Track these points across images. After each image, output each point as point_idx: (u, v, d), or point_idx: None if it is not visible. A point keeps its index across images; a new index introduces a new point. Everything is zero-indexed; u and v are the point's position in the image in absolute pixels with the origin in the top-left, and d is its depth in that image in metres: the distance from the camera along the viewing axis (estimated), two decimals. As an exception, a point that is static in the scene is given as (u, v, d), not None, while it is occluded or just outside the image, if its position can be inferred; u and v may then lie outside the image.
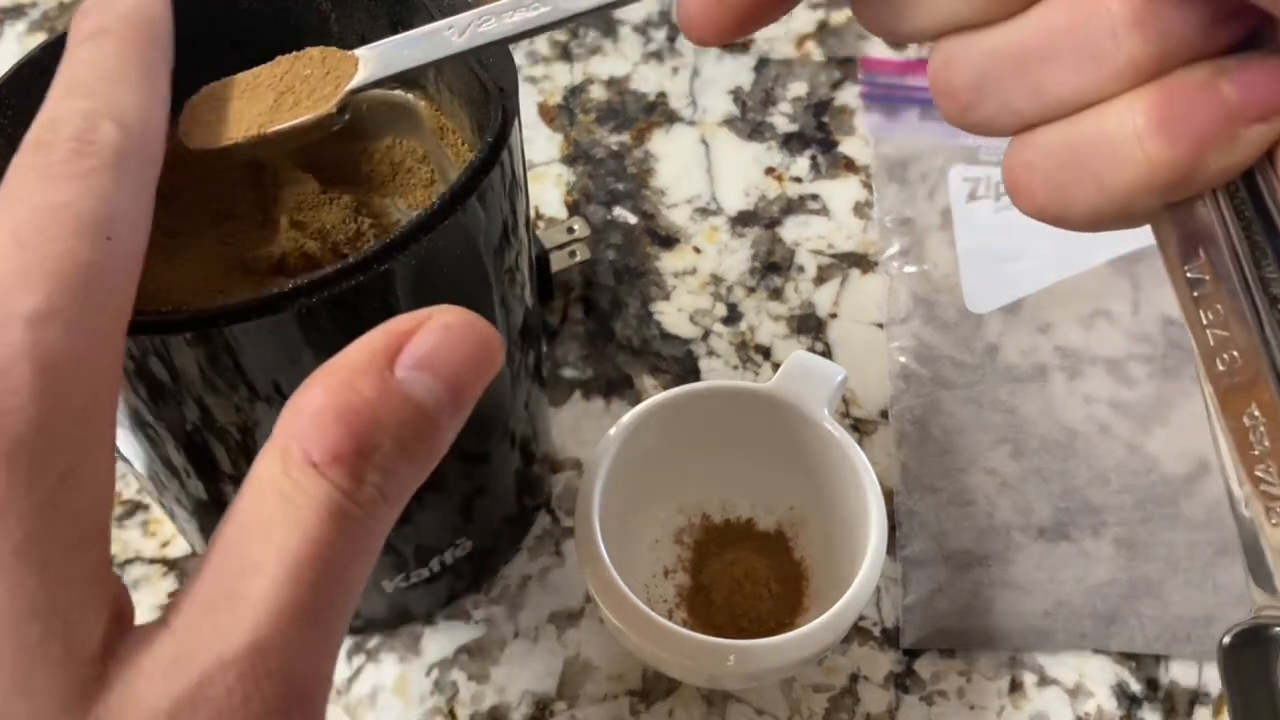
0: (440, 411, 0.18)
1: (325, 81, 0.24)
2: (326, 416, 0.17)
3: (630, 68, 0.55)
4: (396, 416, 0.17)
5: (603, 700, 0.36)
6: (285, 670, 0.16)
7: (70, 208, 0.16)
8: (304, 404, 0.17)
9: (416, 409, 0.18)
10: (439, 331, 0.18)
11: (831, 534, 0.36)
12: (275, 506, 0.17)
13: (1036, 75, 0.17)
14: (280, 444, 0.17)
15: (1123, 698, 0.36)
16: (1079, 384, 0.42)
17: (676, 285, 0.47)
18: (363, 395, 0.17)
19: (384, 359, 0.18)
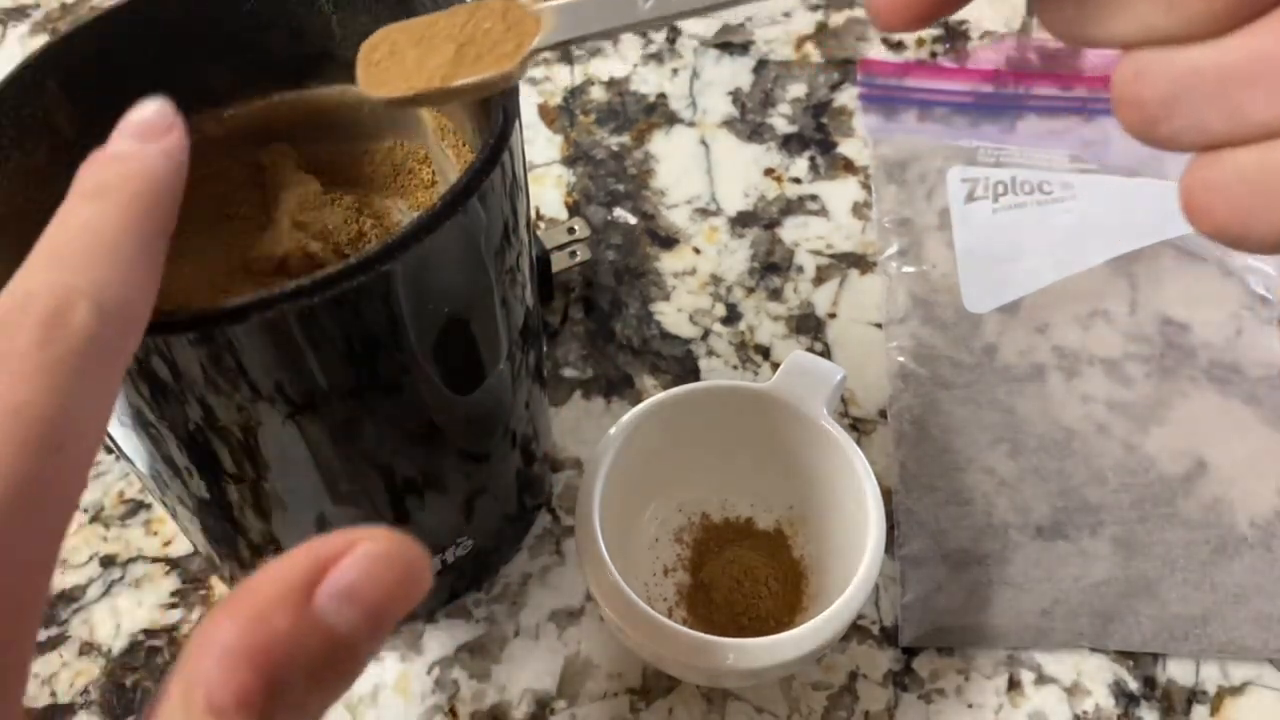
0: (358, 641, 0.17)
1: (507, 37, 0.23)
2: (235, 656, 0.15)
3: (630, 69, 0.55)
4: (311, 650, 0.16)
5: (603, 698, 0.36)
6: None
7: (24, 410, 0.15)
8: (211, 636, 0.16)
9: (333, 641, 0.16)
10: (363, 562, 0.17)
11: (830, 533, 0.37)
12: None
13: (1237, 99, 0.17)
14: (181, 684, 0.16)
15: (1120, 696, 0.37)
16: (1077, 384, 0.43)
17: (676, 285, 0.47)
18: (276, 629, 0.16)
19: (302, 589, 0.16)
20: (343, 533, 0.17)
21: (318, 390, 0.24)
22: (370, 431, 0.27)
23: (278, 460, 0.26)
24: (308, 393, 0.24)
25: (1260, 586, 0.38)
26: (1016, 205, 0.47)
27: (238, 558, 0.32)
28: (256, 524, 0.29)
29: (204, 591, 0.39)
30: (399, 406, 0.27)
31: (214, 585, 0.39)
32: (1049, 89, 0.52)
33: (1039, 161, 0.49)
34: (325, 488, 0.28)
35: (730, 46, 0.56)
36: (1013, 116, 0.51)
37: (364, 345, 0.24)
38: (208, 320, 0.21)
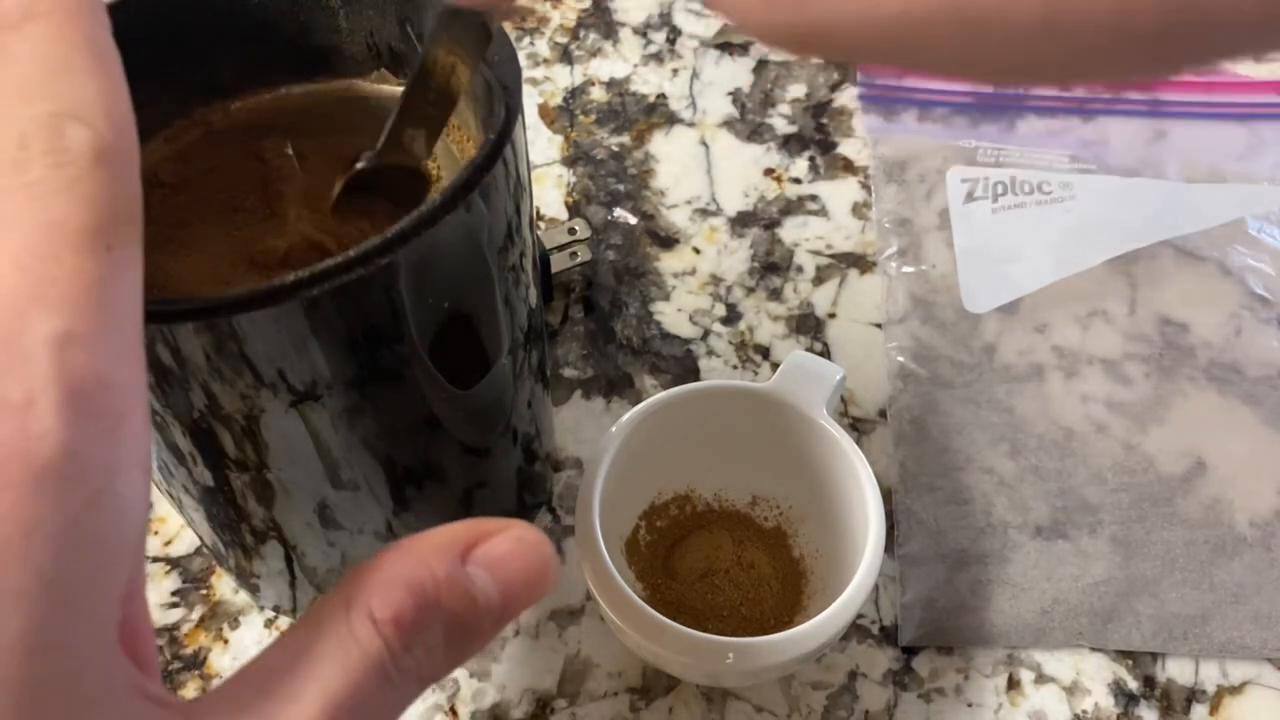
0: (488, 614, 0.19)
1: None
2: (397, 582, 0.18)
3: (630, 69, 0.55)
4: (454, 605, 0.19)
5: (603, 697, 0.36)
6: None
7: (64, 224, 0.16)
8: (378, 567, 0.19)
9: (471, 604, 0.19)
10: (512, 542, 0.20)
11: (830, 532, 0.37)
12: (328, 646, 0.18)
13: None
14: (345, 594, 0.18)
15: (1120, 695, 0.37)
16: (1076, 383, 0.43)
17: (676, 285, 0.47)
18: (433, 575, 0.19)
19: (460, 550, 0.19)
20: (501, 519, 0.20)
21: (321, 380, 0.24)
22: (372, 422, 0.27)
23: (281, 448, 0.26)
24: (311, 382, 0.24)
25: (1259, 586, 0.38)
26: (1016, 205, 0.47)
27: (242, 545, 0.32)
28: (259, 510, 0.29)
29: (205, 591, 0.39)
30: (401, 398, 0.27)
31: (215, 585, 0.39)
32: (1048, 89, 0.52)
33: (1038, 161, 0.49)
34: (327, 476, 0.28)
35: (730, 46, 0.56)
36: (1012, 116, 0.51)
37: (367, 337, 0.24)
38: (212, 309, 0.21)
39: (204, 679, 0.37)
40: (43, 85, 0.17)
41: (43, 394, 0.15)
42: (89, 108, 0.17)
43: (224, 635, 0.38)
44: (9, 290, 0.15)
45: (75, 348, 0.15)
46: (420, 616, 0.18)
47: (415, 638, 0.18)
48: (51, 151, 0.16)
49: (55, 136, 0.16)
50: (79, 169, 0.16)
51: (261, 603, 0.38)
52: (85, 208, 0.16)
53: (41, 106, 0.17)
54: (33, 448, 0.15)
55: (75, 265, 0.16)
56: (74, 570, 0.15)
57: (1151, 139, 0.50)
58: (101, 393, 0.16)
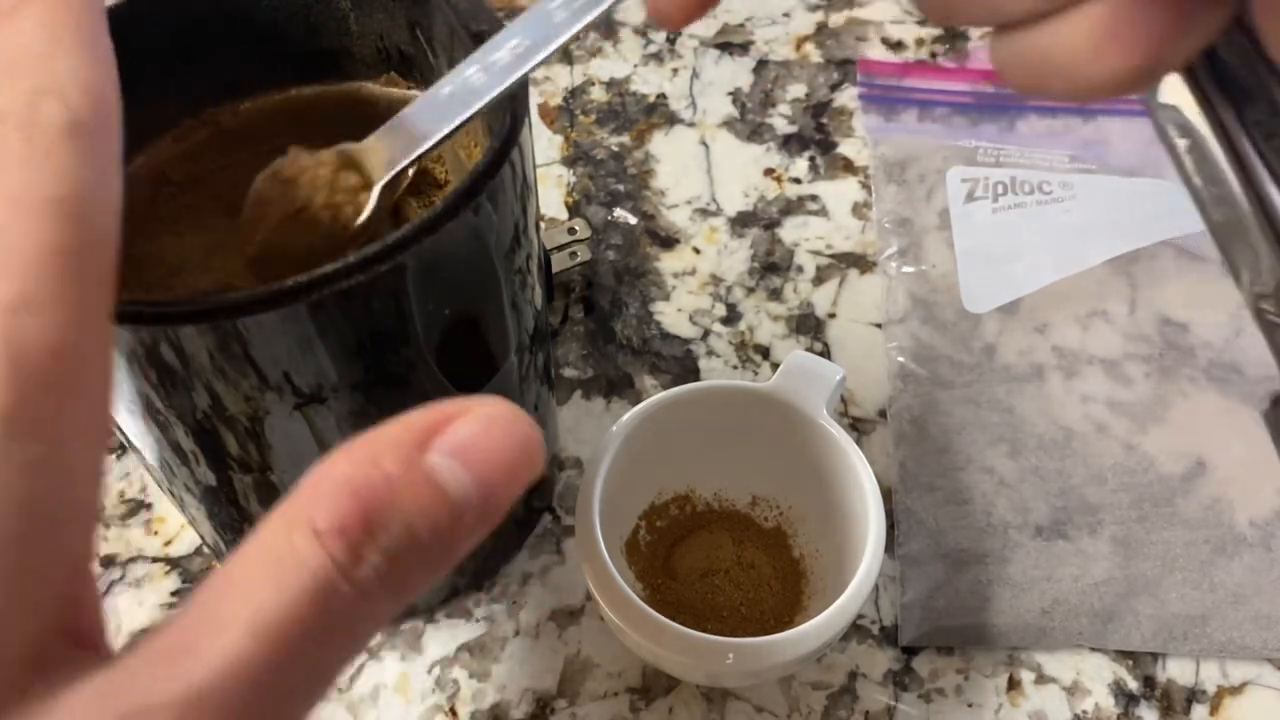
0: (465, 507, 0.17)
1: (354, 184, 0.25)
2: (341, 487, 0.16)
3: (630, 69, 0.55)
4: (416, 502, 0.16)
5: (603, 698, 0.36)
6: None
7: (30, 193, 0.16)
8: (322, 474, 0.17)
9: (439, 498, 0.16)
10: (481, 422, 0.17)
11: (830, 532, 0.37)
12: (262, 567, 0.16)
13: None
14: (285, 508, 0.16)
15: (1120, 695, 0.37)
16: (1076, 384, 0.43)
17: (676, 285, 0.47)
18: (383, 471, 0.16)
19: (416, 440, 0.17)
20: (464, 398, 0.17)
21: (326, 383, 0.24)
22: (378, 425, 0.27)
23: (284, 450, 0.26)
24: (316, 385, 0.24)
25: (1260, 586, 0.38)
26: (1016, 205, 0.47)
27: None
28: (261, 511, 0.29)
29: (204, 591, 0.39)
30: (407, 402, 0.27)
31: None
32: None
33: (1039, 161, 0.49)
34: None
35: (730, 47, 0.56)
36: (1012, 116, 0.51)
37: (373, 340, 0.24)
38: (217, 311, 0.21)
39: (204, 679, 0.37)
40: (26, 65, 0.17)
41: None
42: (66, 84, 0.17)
43: (224, 635, 0.38)
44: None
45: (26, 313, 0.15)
46: (372, 521, 0.16)
47: (368, 545, 0.16)
48: (25, 125, 0.16)
49: (30, 111, 0.16)
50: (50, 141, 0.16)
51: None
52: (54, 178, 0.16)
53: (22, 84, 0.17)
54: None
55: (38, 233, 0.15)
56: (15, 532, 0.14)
57: (1152, 139, 0.49)
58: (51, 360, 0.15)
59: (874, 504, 0.33)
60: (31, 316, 0.15)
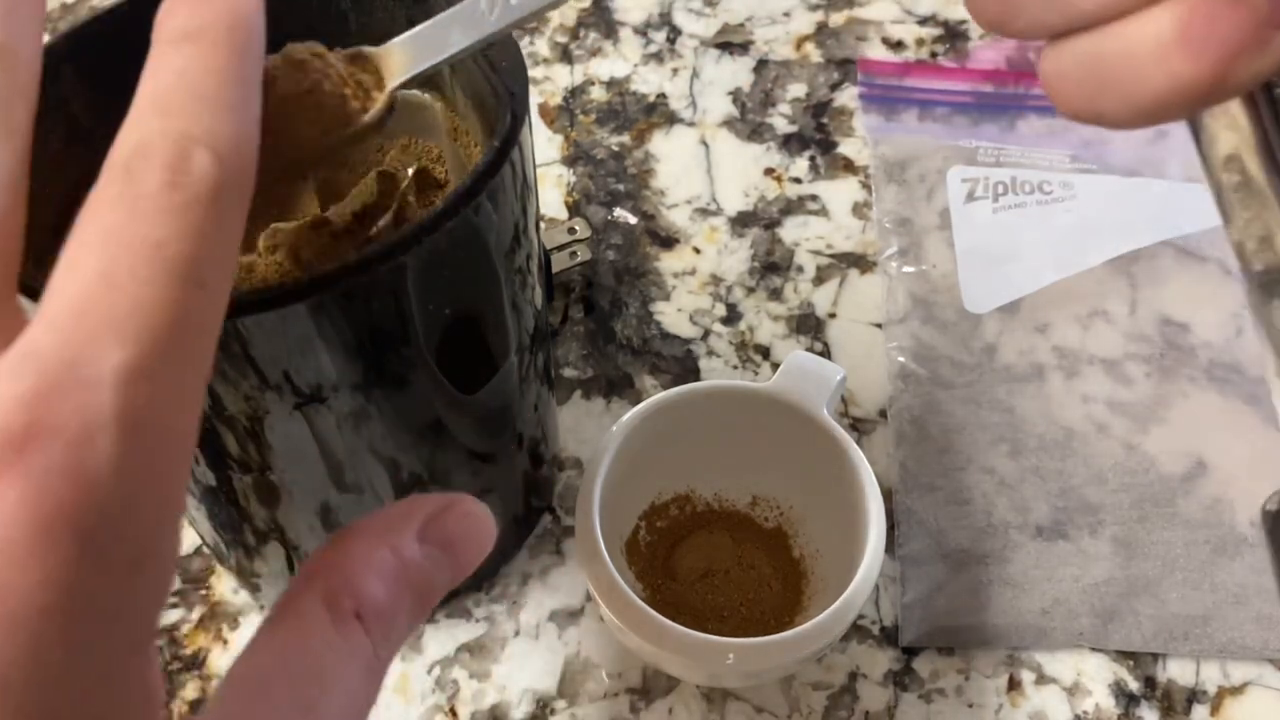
0: (442, 587, 0.20)
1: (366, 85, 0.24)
2: (372, 571, 0.19)
3: (630, 69, 0.55)
4: (416, 584, 0.20)
5: (603, 698, 0.36)
6: None
7: (164, 247, 0.15)
8: (346, 555, 0.19)
9: (429, 579, 0.20)
10: (462, 519, 0.21)
11: (831, 532, 0.37)
12: (325, 653, 0.18)
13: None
14: (323, 588, 0.19)
15: (1120, 696, 0.37)
16: (1076, 384, 0.43)
17: (676, 285, 0.47)
18: (399, 559, 0.19)
19: (416, 532, 0.20)
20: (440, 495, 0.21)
21: (326, 383, 0.24)
22: (377, 425, 0.27)
23: (284, 450, 0.26)
24: (316, 385, 0.24)
25: (1260, 586, 0.38)
26: (1016, 205, 0.47)
27: (243, 545, 0.32)
28: (261, 511, 0.29)
29: (204, 591, 0.39)
30: (407, 402, 0.27)
31: (214, 585, 0.39)
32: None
33: (1039, 161, 0.49)
34: (330, 479, 0.28)
35: (730, 46, 0.56)
36: (1013, 116, 0.51)
37: (373, 340, 0.24)
38: None
39: (203, 679, 0.37)
40: (183, 104, 0.16)
41: (101, 430, 0.13)
42: (223, 141, 0.16)
43: (224, 635, 0.38)
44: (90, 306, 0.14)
45: (145, 385, 0.14)
46: (395, 603, 0.19)
47: (391, 626, 0.19)
48: (171, 169, 0.15)
49: (181, 157, 0.16)
50: (194, 196, 0.15)
51: (262, 602, 0.38)
52: (192, 237, 0.15)
53: (175, 124, 0.16)
54: (84, 499, 0.13)
55: (166, 295, 0.15)
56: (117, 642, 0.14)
57: (1152, 139, 0.50)
58: (159, 440, 0.14)
59: (874, 504, 0.33)
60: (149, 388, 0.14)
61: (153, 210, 0.15)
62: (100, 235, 0.15)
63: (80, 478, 0.13)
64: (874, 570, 0.32)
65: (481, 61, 0.27)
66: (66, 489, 0.13)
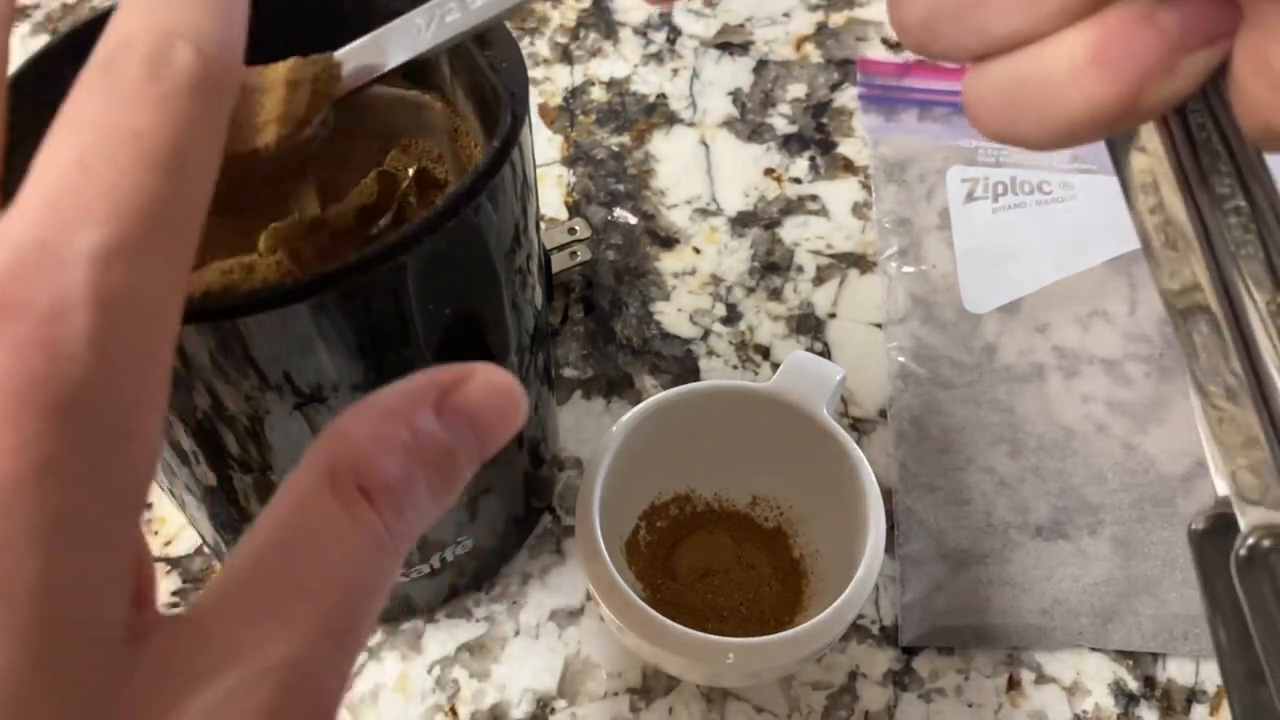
0: (467, 460, 0.19)
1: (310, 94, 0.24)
2: (377, 445, 0.17)
3: (630, 69, 0.55)
4: (435, 458, 0.18)
5: (603, 698, 0.36)
6: (317, 686, 0.16)
7: (142, 136, 0.15)
8: (351, 429, 0.18)
9: (450, 454, 0.18)
10: (484, 387, 0.19)
11: (830, 532, 0.37)
12: (324, 529, 0.17)
13: (977, 16, 0.17)
14: (325, 464, 0.17)
15: (1120, 695, 0.37)
16: (1076, 384, 0.43)
17: (676, 285, 0.47)
18: (413, 431, 0.18)
19: (431, 402, 0.18)
20: (462, 364, 0.19)
21: (326, 383, 0.25)
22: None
23: (285, 450, 0.26)
24: (316, 385, 0.24)
25: (1260, 586, 0.38)
26: (1016, 205, 0.47)
27: None
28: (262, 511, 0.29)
29: (204, 591, 0.39)
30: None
31: (214, 585, 0.39)
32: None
33: (1039, 161, 0.49)
34: None
35: (730, 46, 0.56)
36: (1012, 117, 0.51)
37: (373, 340, 0.24)
38: (217, 311, 0.21)
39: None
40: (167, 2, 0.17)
41: (74, 306, 0.14)
42: (206, 38, 0.16)
43: (224, 635, 0.38)
44: (66, 191, 0.14)
45: (121, 264, 0.14)
46: (407, 479, 0.18)
47: (404, 502, 0.18)
48: (152, 62, 0.16)
49: (162, 50, 0.16)
50: (174, 88, 0.16)
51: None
52: (170, 127, 0.15)
53: (159, 18, 0.16)
54: (57, 370, 0.13)
55: (143, 179, 0.15)
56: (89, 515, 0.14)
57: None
58: (135, 319, 0.14)
59: (874, 504, 0.33)
60: (125, 268, 0.14)
61: (132, 100, 0.15)
62: (79, 123, 0.15)
63: (53, 350, 0.13)
64: (874, 570, 0.32)
65: (482, 62, 0.27)
66: (39, 360, 0.13)
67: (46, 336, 0.13)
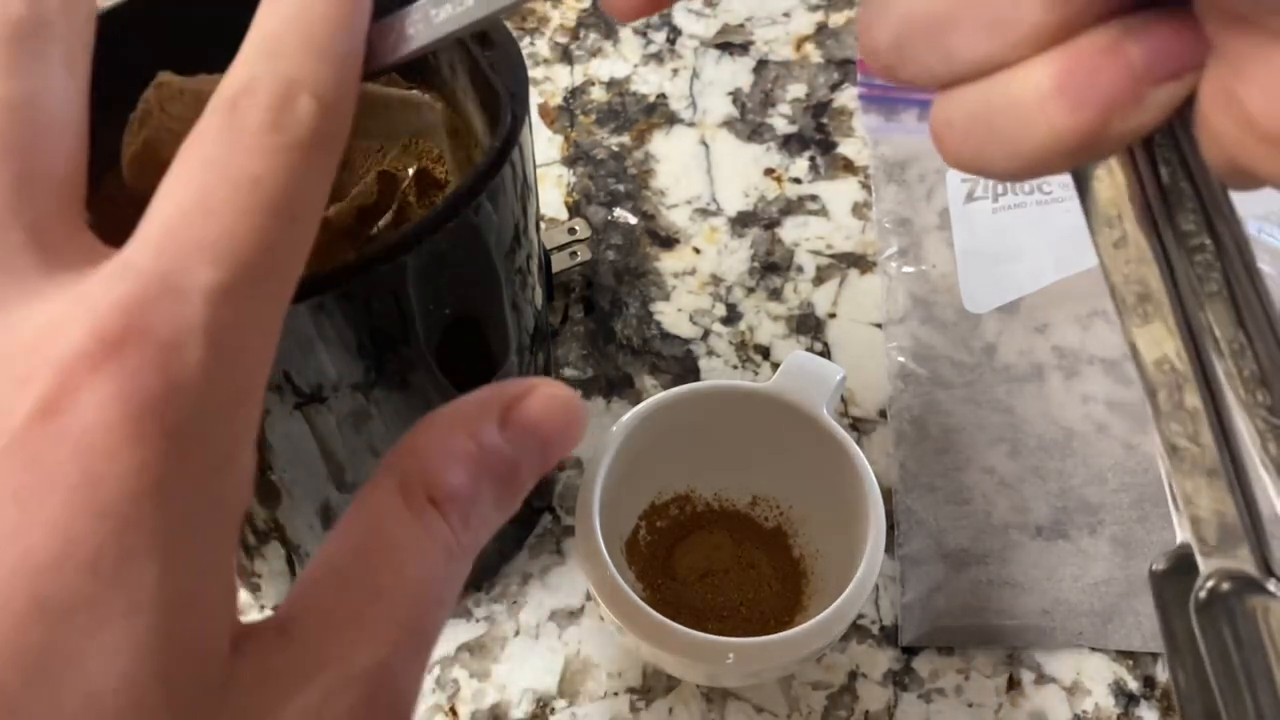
0: (529, 471, 0.19)
1: None
2: (448, 458, 0.18)
3: (630, 69, 0.55)
4: (499, 469, 0.19)
5: (603, 698, 0.36)
6: (398, 692, 0.17)
7: (261, 183, 0.16)
8: (420, 443, 0.18)
9: (514, 465, 0.19)
10: (546, 401, 0.20)
11: (830, 532, 0.37)
12: (399, 538, 0.18)
13: (946, 42, 0.17)
14: (397, 477, 0.18)
15: (1120, 695, 0.37)
16: (1076, 383, 0.43)
17: (676, 285, 0.47)
18: (480, 444, 0.19)
19: (497, 416, 0.19)
20: (524, 380, 0.20)
21: (326, 383, 0.25)
22: (378, 425, 0.27)
23: (285, 450, 0.26)
24: (316, 385, 0.24)
25: (1260, 586, 0.38)
26: (1016, 205, 0.47)
27: (243, 544, 0.32)
28: (261, 511, 0.29)
29: (204, 591, 0.39)
30: (407, 402, 0.27)
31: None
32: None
33: (1039, 162, 0.49)
34: (330, 478, 0.28)
35: (730, 46, 0.56)
36: (1012, 117, 0.51)
37: (373, 340, 0.24)
38: None
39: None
40: (293, 50, 0.17)
41: (191, 338, 0.15)
42: (326, 88, 0.17)
43: (224, 635, 0.38)
44: (187, 228, 0.15)
45: (232, 304, 0.15)
46: (475, 490, 0.18)
47: (471, 512, 0.18)
48: (275, 110, 0.16)
49: (285, 100, 0.16)
50: (295, 139, 0.16)
51: (262, 601, 0.38)
52: (288, 176, 0.16)
53: (283, 66, 0.17)
54: (175, 397, 0.14)
55: (259, 225, 0.16)
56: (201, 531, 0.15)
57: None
58: (244, 356, 0.15)
59: (874, 504, 0.33)
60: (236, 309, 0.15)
61: (254, 147, 0.16)
62: (201, 164, 0.16)
63: (170, 378, 0.14)
64: (874, 570, 0.32)
65: (482, 61, 0.27)
66: (157, 386, 0.14)
67: (166, 364, 0.14)
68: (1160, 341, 0.18)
